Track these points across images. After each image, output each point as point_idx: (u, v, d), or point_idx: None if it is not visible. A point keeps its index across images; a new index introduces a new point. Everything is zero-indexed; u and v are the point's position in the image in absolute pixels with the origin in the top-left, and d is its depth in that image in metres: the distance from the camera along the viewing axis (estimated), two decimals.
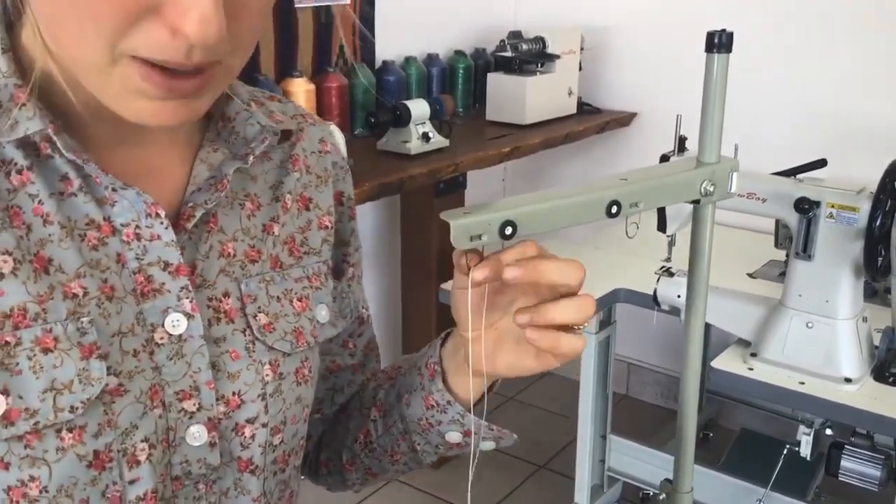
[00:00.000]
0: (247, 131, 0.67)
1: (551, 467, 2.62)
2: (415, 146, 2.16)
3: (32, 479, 0.54)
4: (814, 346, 1.57)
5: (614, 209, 0.56)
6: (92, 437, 0.56)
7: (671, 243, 1.81)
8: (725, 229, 2.47)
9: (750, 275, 2.13)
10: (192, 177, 0.64)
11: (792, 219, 1.57)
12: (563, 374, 3.16)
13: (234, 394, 0.63)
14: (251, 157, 0.66)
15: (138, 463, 0.58)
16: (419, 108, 2.17)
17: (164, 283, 0.61)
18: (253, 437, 0.64)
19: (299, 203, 0.72)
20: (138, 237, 0.60)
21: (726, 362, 1.66)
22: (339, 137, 0.82)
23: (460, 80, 2.72)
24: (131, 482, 0.58)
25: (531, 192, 0.58)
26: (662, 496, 0.73)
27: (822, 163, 1.65)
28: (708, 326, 2.44)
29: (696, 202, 0.63)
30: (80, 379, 0.55)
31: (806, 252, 1.57)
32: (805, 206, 1.53)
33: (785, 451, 1.91)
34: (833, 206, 1.52)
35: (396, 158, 2.15)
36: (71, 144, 0.57)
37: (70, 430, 0.55)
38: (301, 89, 2.20)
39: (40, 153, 0.57)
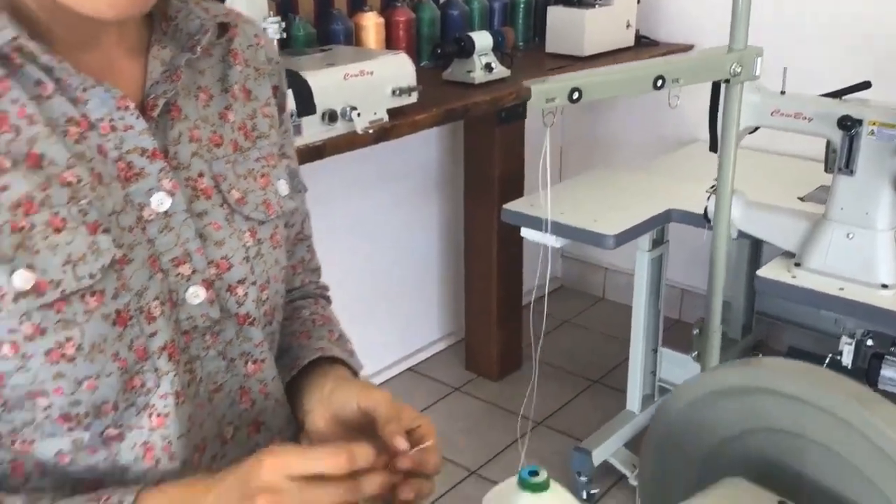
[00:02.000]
0: (189, 26, 0.74)
1: (605, 382, 2.78)
2: (478, 76, 2.28)
3: (68, 339, 0.63)
4: (853, 254, 1.68)
5: (659, 83, 0.69)
6: (112, 298, 0.65)
7: None
8: (779, 158, 2.56)
9: (800, 198, 2.22)
10: (149, 72, 0.72)
11: (835, 136, 1.67)
12: (616, 300, 3.30)
13: (222, 258, 0.73)
14: (199, 49, 0.73)
15: (154, 319, 0.67)
16: (482, 39, 2.29)
17: (143, 168, 0.68)
18: (246, 294, 0.74)
19: (243, 94, 0.80)
20: (113, 129, 0.67)
21: (771, 271, 1.78)
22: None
23: (521, 14, 2.83)
24: (151, 335, 0.67)
25: (596, 68, 0.71)
26: (696, 332, 0.87)
27: (866, 84, 1.74)
28: (759, 244, 2.56)
29: (726, 81, 0.76)
30: (91, 251, 0.63)
31: (848, 167, 1.67)
32: (847, 124, 1.62)
33: (827, 360, 2.03)
34: (874, 124, 1.61)
35: (461, 88, 2.28)
36: (43, 48, 0.64)
37: (92, 295, 0.64)
38: (371, 22, 2.33)
39: (13, 64, 0.63)
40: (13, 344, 0.62)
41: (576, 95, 0.65)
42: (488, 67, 2.30)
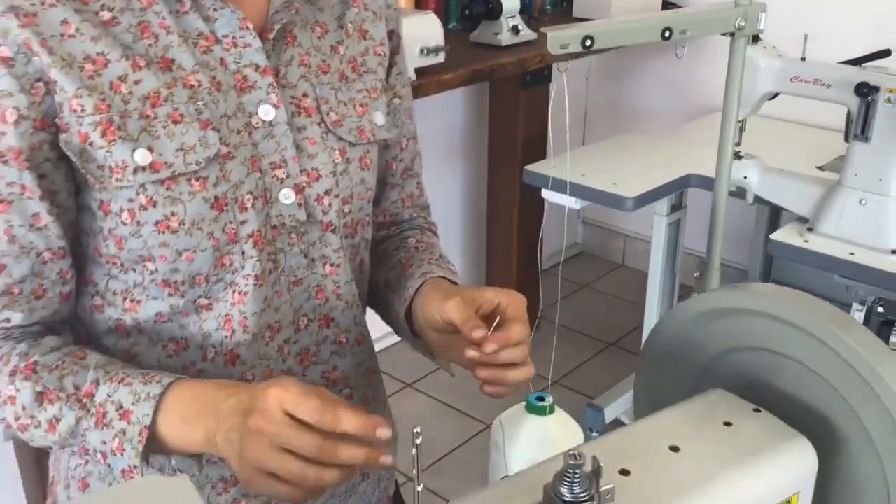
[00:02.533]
0: None
1: (620, 345, 2.84)
2: (505, 38, 2.33)
3: (173, 214, 0.75)
4: (866, 220, 1.72)
5: (667, 33, 0.74)
6: (212, 185, 0.76)
7: (741, 128, 1.95)
8: (801, 127, 2.58)
9: (819, 167, 2.25)
10: (272, 2, 0.82)
11: (853, 103, 1.70)
12: (635, 267, 3.35)
13: (313, 169, 0.83)
14: None
15: (246, 209, 0.79)
16: (510, 1, 2.33)
17: (255, 81, 0.80)
18: (330, 205, 0.85)
19: (359, 33, 0.90)
20: (235, 45, 0.79)
21: (784, 235, 1.82)
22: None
23: None
24: (242, 223, 0.79)
25: (608, 19, 0.76)
26: (697, 273, 0.93)
27: (886, 53, 1.77)
28: (777, 215, 2.59)
29: (731, 35, 0.81)
30: (200, 143, 0.75)
31: (864, 134, 1.70)
32: (865, 91, 1.65)
33: None
34: (891, 91, 1.64)
35: (488, 49, 2.33)
36: None
37: (197, 179, 0.76)
38: None
39: None
40: (131, 211, 0.75)
41: (588, 43, 0.70)
42: (515, 30, 2.34)
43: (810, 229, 1.80)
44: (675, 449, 0.61)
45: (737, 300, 0.66)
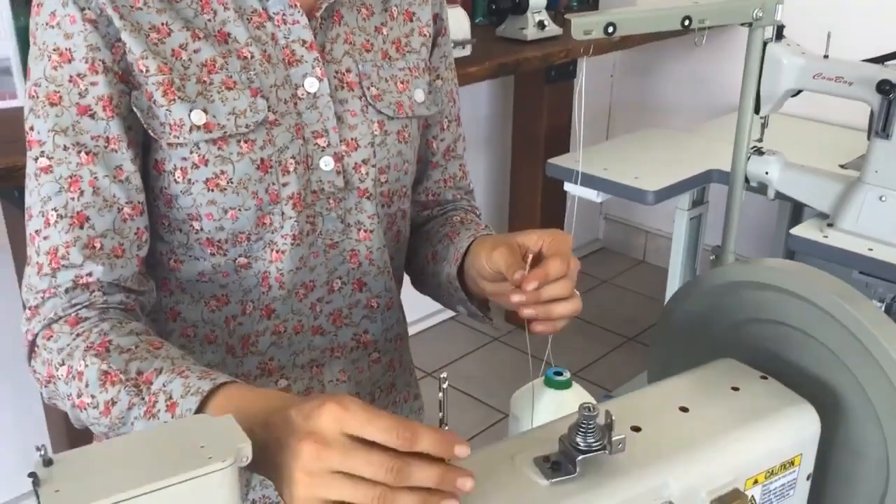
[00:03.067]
0: None
1: (639, 340, 2.87)
2: (531, 33, 2.36)
3: (223, 172, 0.81)
4: (885, 217, 1.74)
5: (687, 22, 0.77)
6: (259, 148, 0.83)
7: (764, 125, 1.97)
8: (825, 126, 2.59)
9: (842, 165, 2.26)
10: None
11: (874, 100, 1.72)
12: (656, 263, 3.37)
13: (352, 139, 0.89)
14: None
15: (288, 172, 0.85)
16: None
17: (302, 56, 0.86)
18: (367, 174, 0.90)
19: (405, 15, 0.96)
20: (285, 22, 0.85)
21: (804, 230, 1.84)
22: None
23: None
24: (284, 185, 0.85)
25: (630, 7, 0.79)
26: (713, 257, 0.96)
27: None
28: (800, 208, 2.61)
29: (749, 25, 0.84)
30: (250, 109, 0.82)
31: (885, 131, 1.72)
32: (886, 88, 1.67)
33: None
34: None
35: (514, 44, 2.36)
36: None
37: (245, 142, 0.82)
38: None
39: None
40: (183, 170, 0.82)
41: (610, 29, 0.74)
42: (541, 25, 2.37)
43: (830, 225, 1.82)
44: (684, 409, 0.65)
45: (748, 274, 0.70)
